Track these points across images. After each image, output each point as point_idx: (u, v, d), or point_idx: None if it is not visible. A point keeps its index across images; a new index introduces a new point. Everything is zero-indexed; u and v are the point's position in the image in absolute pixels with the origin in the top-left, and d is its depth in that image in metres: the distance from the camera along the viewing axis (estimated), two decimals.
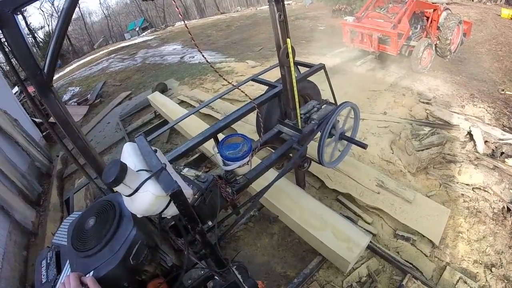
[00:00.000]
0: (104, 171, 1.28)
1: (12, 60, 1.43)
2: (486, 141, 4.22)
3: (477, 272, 2.68)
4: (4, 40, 1.36)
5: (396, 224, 3.09)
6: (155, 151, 1.63)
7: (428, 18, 7.48)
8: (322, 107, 2.97)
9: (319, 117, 2.81)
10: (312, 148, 3.00)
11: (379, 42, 7.04)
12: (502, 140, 4.21)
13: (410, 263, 2.72)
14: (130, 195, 1.30)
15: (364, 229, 2.96)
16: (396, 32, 6.58)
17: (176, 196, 1.32)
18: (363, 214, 3.21)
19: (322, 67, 3.22)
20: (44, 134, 7.71)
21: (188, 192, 1.53)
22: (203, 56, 1.80)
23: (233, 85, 2.41)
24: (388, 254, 2.77)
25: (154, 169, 1.40)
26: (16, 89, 12.22)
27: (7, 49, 1.39)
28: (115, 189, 1.31)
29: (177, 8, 1.71)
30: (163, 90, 7.74)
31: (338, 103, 2.92)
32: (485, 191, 3.47)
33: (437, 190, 3.52)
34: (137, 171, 1.38)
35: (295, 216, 2.70)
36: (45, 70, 1.45)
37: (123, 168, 1.24)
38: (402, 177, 3.72)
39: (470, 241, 2.93)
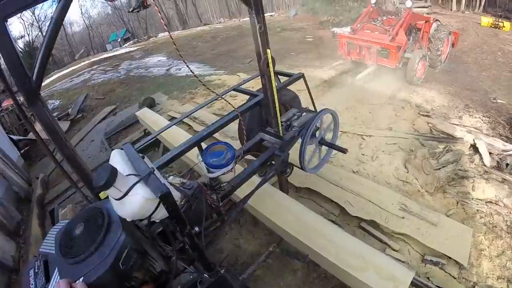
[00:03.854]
0: (94, 175, 1.33)
1: None
2: (490, 153, 4.18)
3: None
4: None
5: (423, 248, 2.97)
6: (143, 157, 1.70)
7: (419, 29, 7.49)
8: (303, 114, 3.07)
9: (299, 124, 2.92)
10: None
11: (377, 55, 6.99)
12: (506, 151, 4.18)
13: None
14: (120, 199, 1.35)
15: (395, 259, 2.76)
16: (396, 45, 6.53)
17: (165, 198, 1.40)
18: (389, 241, 3.04)
19: (301, 76, 3.29)
20: (22, 152, 7.14)
21: (176, 194, 1.63)
22: (188, 68, 1.91)
23: (216, 94, 2.58)
24: (421, 281, 2.62)
25: (143, 173, 1.48)
26: None
27: None
28: (106, 192, 1.35)
29: (161, 18, 1.81)
30: (151, 105, 7.33)
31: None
32: (497, 204, 3.46)
33: (455, 208, 3.45)
34: (126, 175, 1.45)
35: (331, 257, 2.43)
36: (34, 78, 1.47)
37: (114, 172, 1.30)
38: (421, 197, 3.59)
39: (491, 258, 2.90)
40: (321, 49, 10.22)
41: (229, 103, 2.56)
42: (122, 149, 1.84)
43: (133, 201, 1.37)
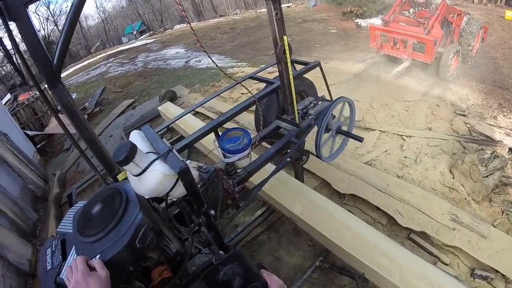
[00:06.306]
0: (114, 151, 1.37)
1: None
2: None
3: None
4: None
5: (472, 262, 2.76)
6: (161, 138, 1.72)
7: (451, 23, 7.06)
8: (319, 103, 3.08)
9: (315, 112, 2.93)
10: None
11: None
12: None
13: None
14: (139, 175, 1.39)
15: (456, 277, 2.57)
16: (433, 39, 6.13)
17: (184, 174, 1.43)
18: (440, 254, 2.81)
19: (317, 64, 3.34)
20: (38, 147, 6.99)
21: (194, 173, 1.63)
22: (211, 59, 1.92)
23: (234, 79, 2.58)
24: None
25: (162, 151, 1.52)
26: (8, 96, 11.50)
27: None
28: (124, 168, 1.37)
29: (182, 11, 1.80)
30: (172, 98, 7.04)
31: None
32: None
33: (500, 218, 3.20)
34: (145, 153, 1.50)
35: (394, 279, 2.20)
36: (55, 62, 1.52)
37: (133, 148, 1.33)
38: (467, 206, 3.33)
39: None
40: (347, 41, 9.88)
41: (247, 89, 2.57)
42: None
43: (152, 177, 1.40)
